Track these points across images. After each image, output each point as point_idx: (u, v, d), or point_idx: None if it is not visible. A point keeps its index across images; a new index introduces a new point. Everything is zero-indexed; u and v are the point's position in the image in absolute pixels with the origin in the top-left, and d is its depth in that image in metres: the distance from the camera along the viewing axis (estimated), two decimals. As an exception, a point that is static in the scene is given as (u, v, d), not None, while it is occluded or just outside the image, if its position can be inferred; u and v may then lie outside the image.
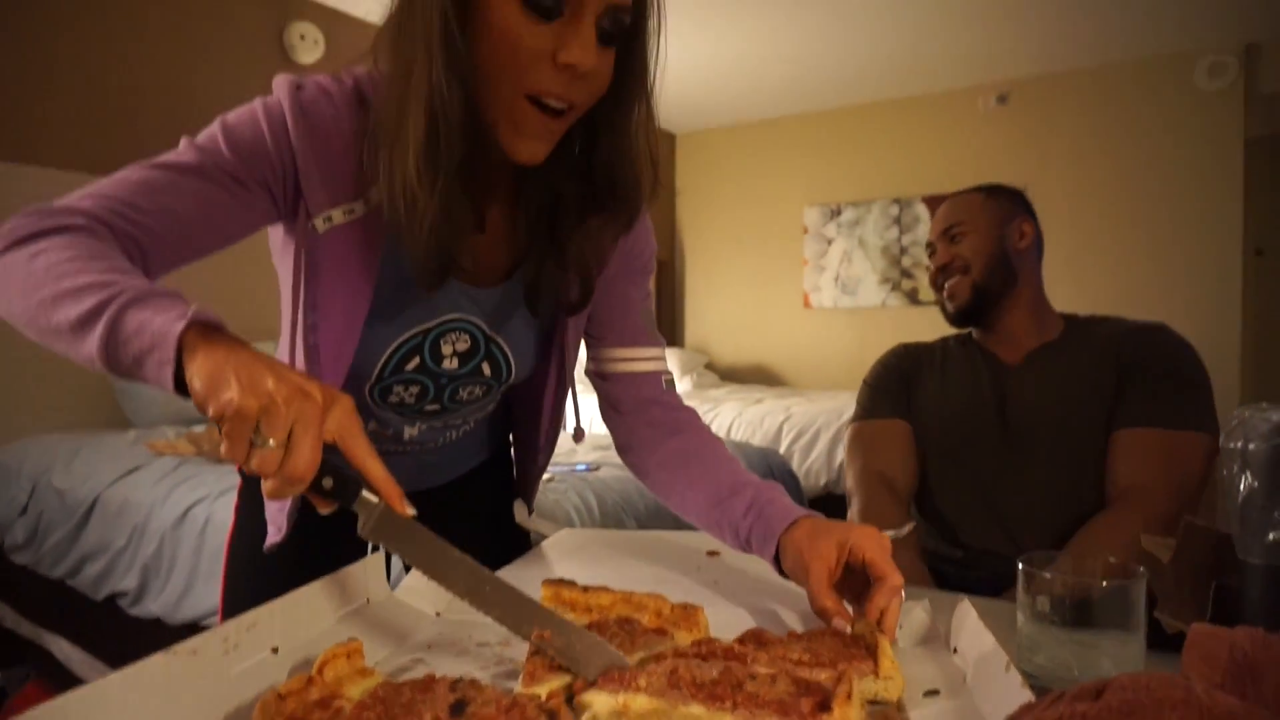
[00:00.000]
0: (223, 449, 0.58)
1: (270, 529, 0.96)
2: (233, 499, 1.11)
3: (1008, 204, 1.54)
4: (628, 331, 1.01)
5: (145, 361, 0.61)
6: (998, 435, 1.45)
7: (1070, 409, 1.39)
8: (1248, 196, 4.56)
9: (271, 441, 0.57)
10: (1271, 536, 0.52)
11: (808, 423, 4.00)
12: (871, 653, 0.65)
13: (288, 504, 0.91)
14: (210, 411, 0.58)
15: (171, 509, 2.18)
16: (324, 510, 0.66)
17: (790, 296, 6.02)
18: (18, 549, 2.57)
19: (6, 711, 2.04)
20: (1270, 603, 0.54)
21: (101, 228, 0.71)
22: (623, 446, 1.03)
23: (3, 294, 0.68)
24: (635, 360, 1.01)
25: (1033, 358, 1.47)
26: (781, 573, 0.85)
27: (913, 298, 5.48)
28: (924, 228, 5.43)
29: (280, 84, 0.80)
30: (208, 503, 2.13)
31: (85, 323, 0.63)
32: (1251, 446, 0.54)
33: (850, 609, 0.77)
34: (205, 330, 0.62)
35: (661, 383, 1.01)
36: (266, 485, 0.59)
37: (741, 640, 0.68)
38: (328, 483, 0.63)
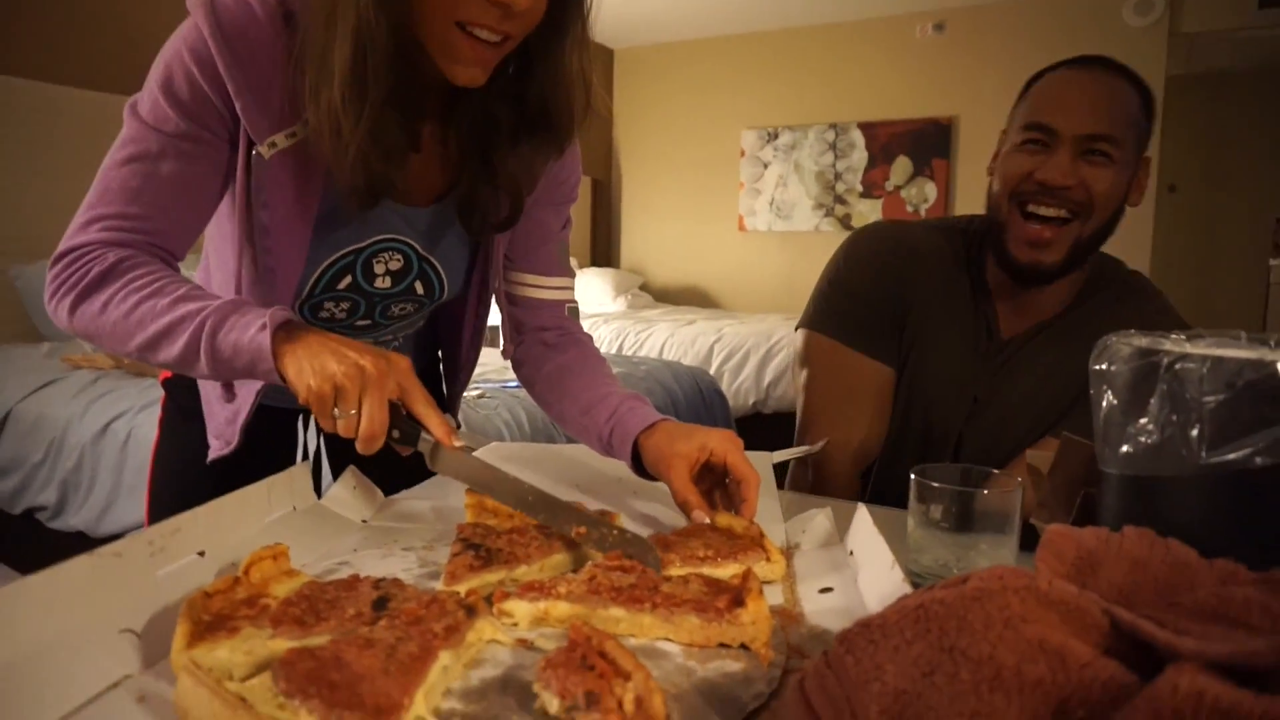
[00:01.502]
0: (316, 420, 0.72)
1: (216, 443, 0.96)
2: (155, 413, 1.11)
3: (1149, 122, 1.09)
4: (541, 260, 1.04)
5: (254, 372, 0.74)
6: (954, 437, 1.18)
7: (1029, 436, 1.12)
8: (1164, 134, 4.71)
9: (350, 412, 0.70)
10: (1124, 449, 0.58)
11: (738, 344, 4.08)
12: (757, 543, 0.73)
13: (241, 417, 0.92)
14: (300, 399, 0.71)
15: (91, 423, 2.13)
16: (404, 454, 0.77)
17: (725, 219, 6.03)
18: (-75, 463, 2.49)
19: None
20: (1121, 508, 0.61)
21: (127, 251, 0.78)
22: (516, 361, 1.08)
23: (98, 342, 0.79)
24: (544, 288, 1.04)
25: (1022, 344, 1.16)
26: (639, 473, 0.91)
27: (845, 223, 5.55)
28: (859, 154, 5.47)
29: (196, 7, 0.76)
30: (129, 416, 2.10)
31: (186, 359, 0.75)
32: (1113, 368, 0.59)
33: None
34: (285, 329, 0.73)
35: (564, 310, 1.06)
36: (358, 444, 0.71)
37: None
38: (395, 434, 0.74)
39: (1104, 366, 0.60)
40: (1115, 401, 0.59)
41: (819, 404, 1.22)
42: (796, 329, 1.28)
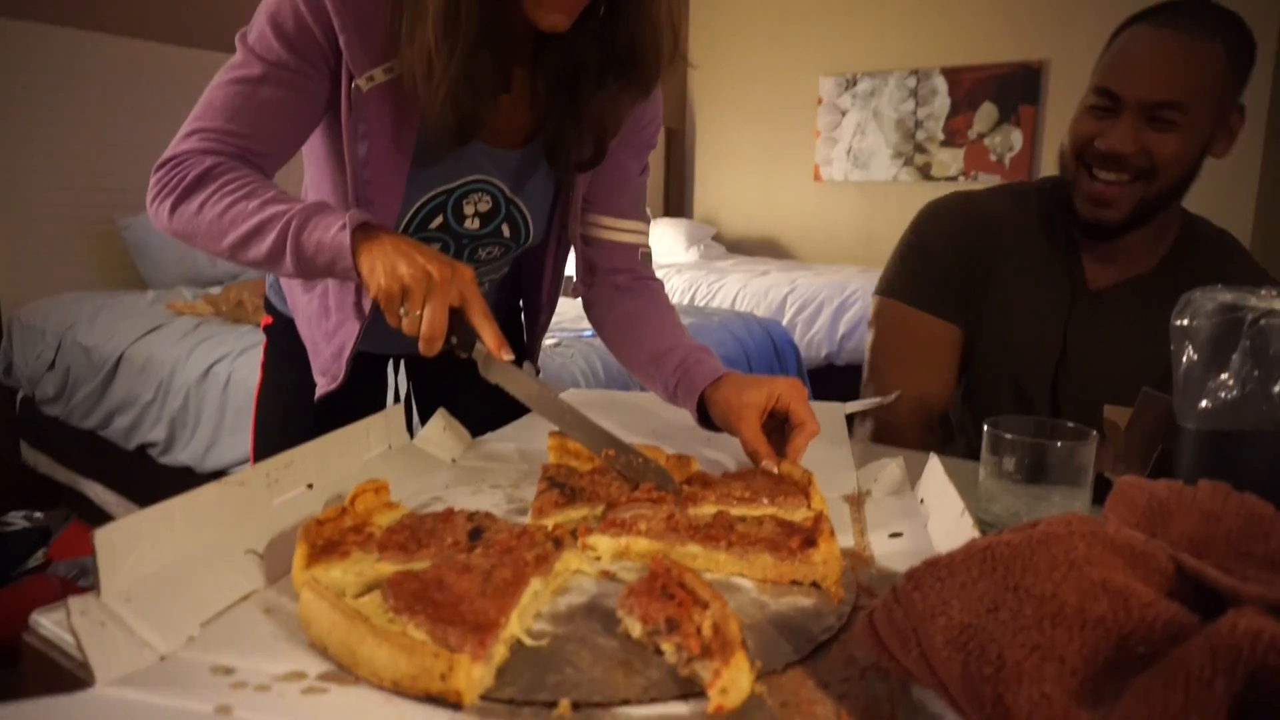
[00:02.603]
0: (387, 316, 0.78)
1: (322, 379, 1.02)
2: (253, 356, 1.18)
3: (1242, 74, 1.04)
4: (618, 203, 1.06)
5: (334, 269, 0.80)
6: (1048, 392, 1.17)
7: (1128, 395, 1.03)
8: (1279, 65, 4.39)
9: (415, 313, 0.75)
10: (1204, 404, 0.58)
11: (811, 296, 4.05)
12: (802, 489, 0.75)
13: (346, 351, 0.98)
14: (370, 294, 0.77)
15: (195, 366, 2.27)
16: (461, 356, 0.81)
17: (801, 169, 5.92)
18: (48, 401, 2.69)
19: (54, 547, 2.20)
20: (1198, 462, 0.61)
21: (224, 159, 0.84)
22: (588, 302, 1.11)
23: (193, 242, 0.85)
24: (619, 231, 1.07)
25: (1115, 294, 1.15)
26: (704, 424, 0.94)
27: (925, 173, 5.39)
28: (941, 101, 5.28)
29: None
30: (229, 360, 2.22)
31: (274, 257, 0.80)
32: (1195, 324, 0.59)
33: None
34: (364, 230, 0.78)
35: (638, 254, 1.08)
36: (420, 344, 0.76)
37: (689, 481, 0.77)
38: (454, 339, 0.79)
39: (1185, 322, 0.60)
40: (1196, 357, 0.59)
41: (882, 361, 1.25)
42: (874, 295, 1.31)
